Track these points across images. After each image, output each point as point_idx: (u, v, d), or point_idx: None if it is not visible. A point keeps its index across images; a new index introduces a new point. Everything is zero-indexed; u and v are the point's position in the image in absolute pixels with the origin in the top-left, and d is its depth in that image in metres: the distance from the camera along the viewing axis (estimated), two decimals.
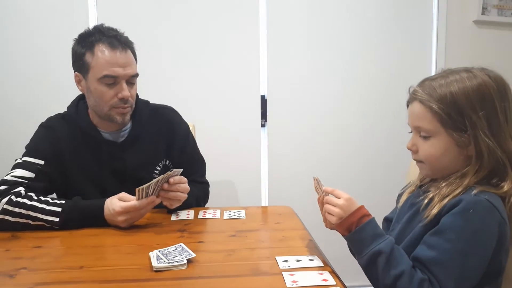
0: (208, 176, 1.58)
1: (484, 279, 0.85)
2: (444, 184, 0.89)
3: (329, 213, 0.92)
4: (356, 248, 0.90)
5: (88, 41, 1.29)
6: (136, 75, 1.33)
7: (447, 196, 0.86)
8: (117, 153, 1.37)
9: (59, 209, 1.19)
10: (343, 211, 0.89)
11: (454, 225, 0.82)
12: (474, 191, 0.85)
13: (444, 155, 0.89)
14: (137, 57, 1.36)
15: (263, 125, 2.16)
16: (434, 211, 0.86)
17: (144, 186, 1.16)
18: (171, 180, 1.20)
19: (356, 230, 0.88)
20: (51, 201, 1.21)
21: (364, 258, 0.87)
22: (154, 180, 1.17)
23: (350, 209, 0.89)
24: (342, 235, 0.93)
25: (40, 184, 1.27)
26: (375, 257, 0.85)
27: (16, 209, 1.17)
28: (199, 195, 1.45)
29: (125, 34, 1.34)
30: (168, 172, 1.20)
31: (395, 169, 2.12)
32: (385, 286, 0.84)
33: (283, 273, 0.90)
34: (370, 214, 0.90)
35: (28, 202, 1.18)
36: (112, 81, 1.28)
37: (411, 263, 0.85)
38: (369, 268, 0.87)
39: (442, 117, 0.86)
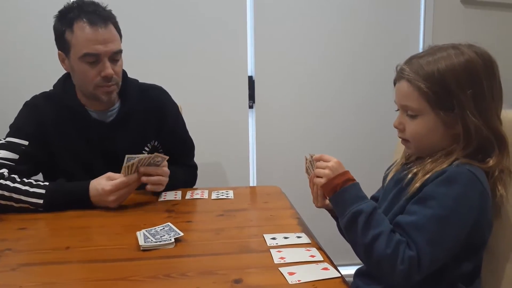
0: (196, 158, 1.57)
1: (465, 252, 0.86)
2: (429, 160, 0.90)
3: (318, 177, 0.94)
4: (339, 209, 0.91)
5: (67, 18, 1.24)
6: (120, 51, 1.29)
7: (431, 171, 0.87)
8: (106, 133, 1.34)
9: (43, 191, 1.16)
10: (332, 172, 0.92)
11: (436, 193, 0.83)
12: (456, 162, 0.86)
13: (430, 134, 0.89)
14: (124, 38, 1.32)
15: (251, 107, 2.15)
16: (417, 184, 0.87)
17: (129, 163, 1.15)
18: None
19: (340, 191, 0.90)
20: (34, 182, 1.18)
21: (345, 218, 0.88)
22: (141, 156, 1.16)
23: (337, 171, 0.92)
24: (328, 198, 0.94)
25: (24, 165, 1.24)
26: (355, 216, 0.86)
27: None
28: (186, 178, 1.44)
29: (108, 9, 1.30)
30: (156, 153, 1.18)
31: (383, 149, 2.13)
32: (364, 245, 0.84)
33: (271, 250, 0.90)
34: (355, 179, 0.92)
35: (11, 184, 1.16)
36: (93, 59, 1.24)
37: (391, 227, 0.85)
38: (349, 228, 0.88)
39: (430, 96, 0.86)
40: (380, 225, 0.84)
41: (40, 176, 1.34)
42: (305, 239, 0.96)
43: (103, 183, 1.16)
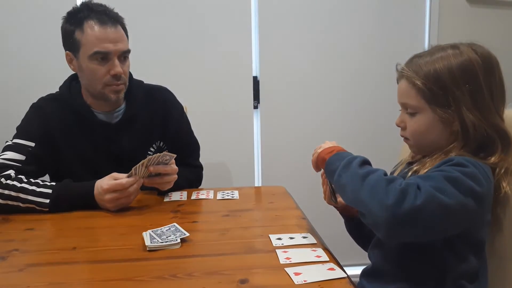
0: (201, 159, 1.57)
1: (467, 249, 0.85)
2: (428, 159, 0.90)
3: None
4: (333, 166, 0.88)
5: (76, 18, 1.26)
6: (128, 51, 1.31)
7: (430, 167, 0.86)
8: (111, 134, 1.35)
9: (49, 191, 1.17)
10: (313, 156, 0.97)
11: (443, 168, 0.81)
12: (454, 153, 0.85)
13: (429, 131, 0.89)
14: (129, 39, 1.33)
15: (255, 107, 2.15)
16: None
17: (139, 163, 1.15)
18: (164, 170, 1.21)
19: (334, 154, 0.90)
20: (41, 183, 1.19)
21: (339, 168, 0.85)
22: (146, 159, 1.16)
23: (318, 150, 0.96)
24: (324, 169, 0.93)
25: (30, 166, 1.25)
26: (350, 161, 0.85)
27: (6, 192, 1.16)
28: (191, 178, 1.44)
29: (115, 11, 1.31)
30: (165, 152, 1.18)
31: (388, 149, 2.12)
32: (359, 175, 0.80)
33: (277, 250, 0.90)
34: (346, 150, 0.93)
35: (18, 185, 1.17)
36: (103, 57, 1.26)
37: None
38: (343, 173, 0.84)
39: (426, 93, 0.87)
40: (375, 168, 0.83)
41: (47, 178, 1.35)
42: (311, 239, 0.96)
43: (103, 181, 1.16)
